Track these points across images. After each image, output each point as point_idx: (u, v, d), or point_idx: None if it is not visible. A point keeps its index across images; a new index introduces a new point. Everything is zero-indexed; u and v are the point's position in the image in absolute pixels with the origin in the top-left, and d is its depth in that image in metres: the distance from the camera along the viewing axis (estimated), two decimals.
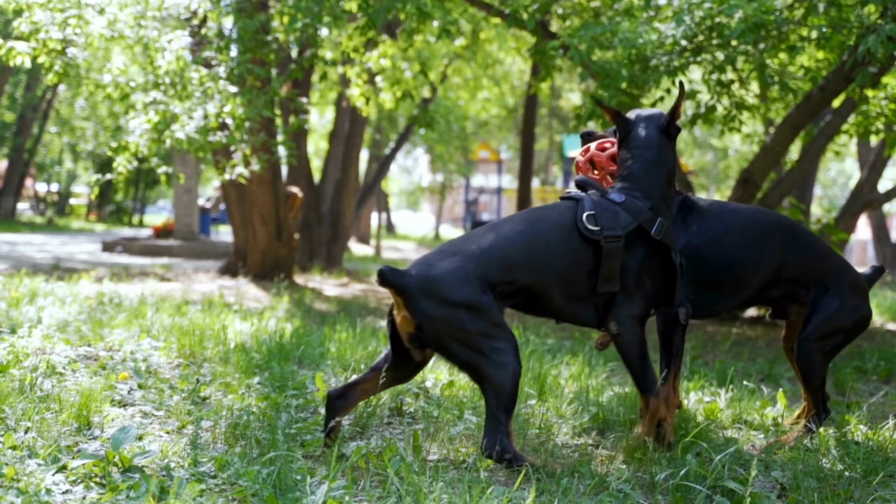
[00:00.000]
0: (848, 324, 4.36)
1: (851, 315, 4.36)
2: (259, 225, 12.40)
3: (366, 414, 4.05)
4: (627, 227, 3.70)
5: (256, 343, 5.58)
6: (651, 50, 8.35)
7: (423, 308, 3.43)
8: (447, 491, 2.99)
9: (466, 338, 3.43)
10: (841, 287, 4.34)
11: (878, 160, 13.63)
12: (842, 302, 4.31)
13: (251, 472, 3.00)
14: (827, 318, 4.27)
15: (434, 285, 3.46)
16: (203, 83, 9.64)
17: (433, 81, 17.28)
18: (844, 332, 4.37)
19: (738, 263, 4.27)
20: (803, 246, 4.39)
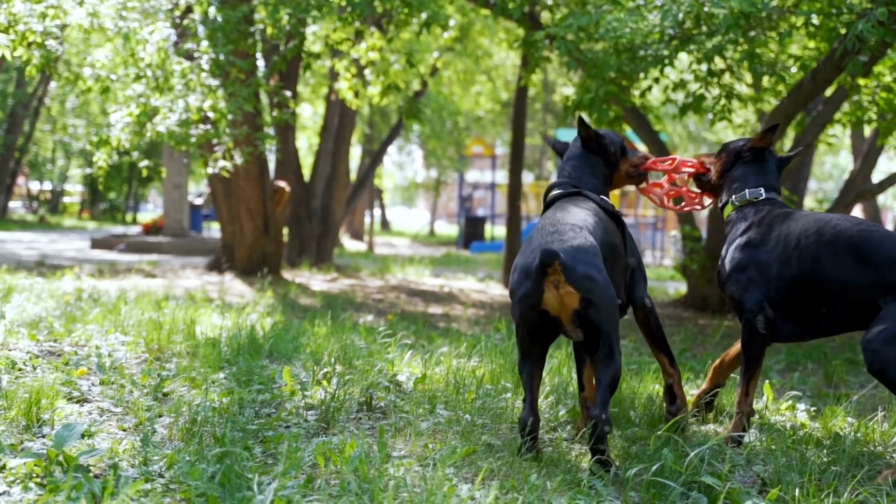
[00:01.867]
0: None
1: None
2: (246, 220, 12.24)
3: (333, 408, 3.90)
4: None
5: (228, 338, 5.42)
6: (639, 40, 8.20)
7: (586, 275, 3.29)
8: (406, 489, 2.84)
9: (614, 310, 3.41)
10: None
11: (872, 150, 13.47)
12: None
13: (196, 470, 2.85)
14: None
15: (584, 253, 3.35)
16: (185, 75, 9.47)
17: (423, 75, 17.10)
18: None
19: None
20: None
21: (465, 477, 3.16)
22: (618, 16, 8.09)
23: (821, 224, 3.85)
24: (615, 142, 4.21)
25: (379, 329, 6.26)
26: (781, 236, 3.88)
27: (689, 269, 10.63)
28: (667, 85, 9.73)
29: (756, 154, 4.15)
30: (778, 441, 3.84)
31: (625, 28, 7.96)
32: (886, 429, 4.21)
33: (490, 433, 3.63)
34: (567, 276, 3.25)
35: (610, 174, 4.18)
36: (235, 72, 9.79)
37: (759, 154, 4.15)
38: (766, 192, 4.08)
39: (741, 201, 4.08)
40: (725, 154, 4.28)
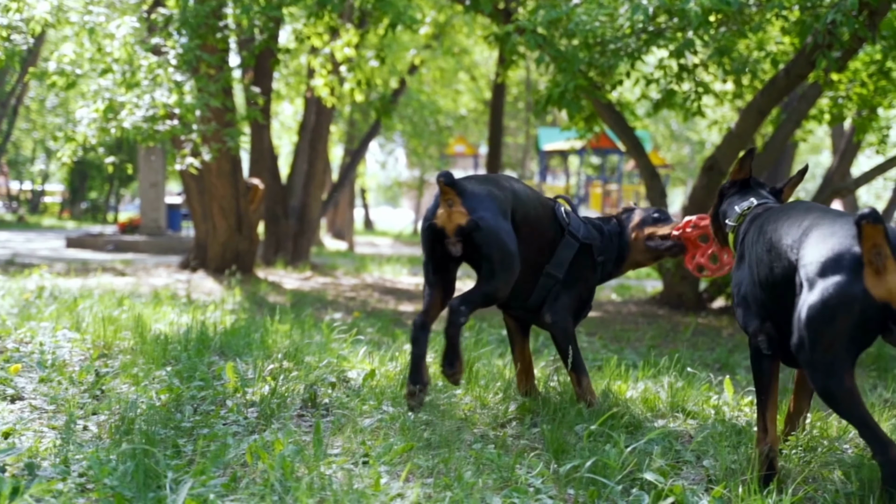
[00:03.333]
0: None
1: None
2: (219, 218, 12.11)
3: (274, 404, 3.78)
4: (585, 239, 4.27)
5: (178, 334, 5.30)
6: (609, 34, 8.11)
7: (476, 203, 3.77)
8: (330, 488, 2.73)
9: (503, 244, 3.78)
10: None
11: (849, 147, 13.42)
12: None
13: (105, 469, 2.73)
14: None
15: (480, 193, 3.82)
16: (152, 70, 9.33)
17: (401, 72, 16.99)
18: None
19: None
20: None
21: (399, 474, 3.05)
22: (588, 9, 8.00)
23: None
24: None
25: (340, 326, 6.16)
26: (765, 240, 3.77)
27: (664, 266, 10.54)
28: (639, 80, 9.64)
29: (740, 185, 3.97)
30: (732, 437, 3.74)
31: (594, 22, 7.88)
32: (846, 424, 4.12)
33: (432, 430, 3.52)
34: (460, 199, 3.73)
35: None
36: (205, 67, 9.66)
37: (743, 184, 3.97)
38: (757, 200, 3.82)
39: (735, 222, 3.87)
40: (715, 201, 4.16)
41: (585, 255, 4.22)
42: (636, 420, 3.97)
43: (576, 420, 3.76)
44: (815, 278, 2.91)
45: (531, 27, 8.18)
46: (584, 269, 4.21)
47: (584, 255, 4.22)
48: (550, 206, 4.24)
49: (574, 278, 4.18)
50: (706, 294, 10.81)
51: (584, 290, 4.25)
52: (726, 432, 3.80)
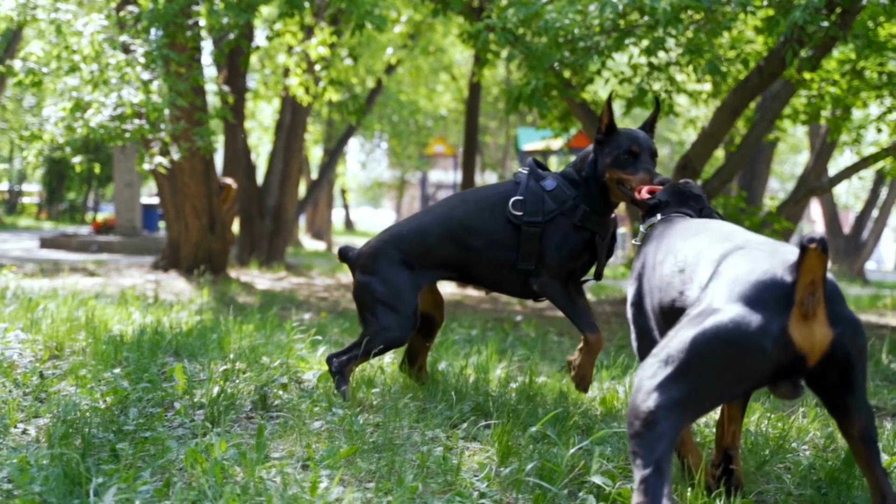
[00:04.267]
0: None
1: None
2: (191, 217, 12.00)
3: (222, 406, 3.70)
4: (549, 214, 4.04)
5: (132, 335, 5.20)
6: (579, 31, 8.05)
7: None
8: (265, 493, 2.65)
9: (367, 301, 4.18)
10: None
11: (824, 146, 13.44)
12: None
13: (25, 475, 2.64)
14: None
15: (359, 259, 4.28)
16: (120, 68, 9.22)
17: (377, 72, 16.90)
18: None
19: None
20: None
21: (343, 478, 2.97)
22: (558, 6, 7.94)
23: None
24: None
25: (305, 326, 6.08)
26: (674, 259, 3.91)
27: None
28: (609, 79, 9.59)
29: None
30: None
31: (564, 19, 7.82)
32: (805, 424, 4.07)
33: (381, 432, 3.44)
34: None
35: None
36: (174, 66, 9.55)
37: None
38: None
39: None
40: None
41: (558, 221, 4.08)
42: (592, 421, 3.91)
43: (529, 421, 3.69)
44: (733, 302, 2.43)
45: (500, 25, 8.12)
46: (559, 233, 4.08)
47: (557, 221, 4.09)
48: (501, 207, 4.15)
49: (552, 245, 4.08)
50: None
51: (566, 247, 4.09)
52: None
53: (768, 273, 2.46)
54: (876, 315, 11.75)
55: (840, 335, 2.44)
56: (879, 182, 21.42)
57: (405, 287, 4.12)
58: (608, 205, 4.11)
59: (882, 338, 8.12)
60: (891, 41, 9.60)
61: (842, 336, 2.44)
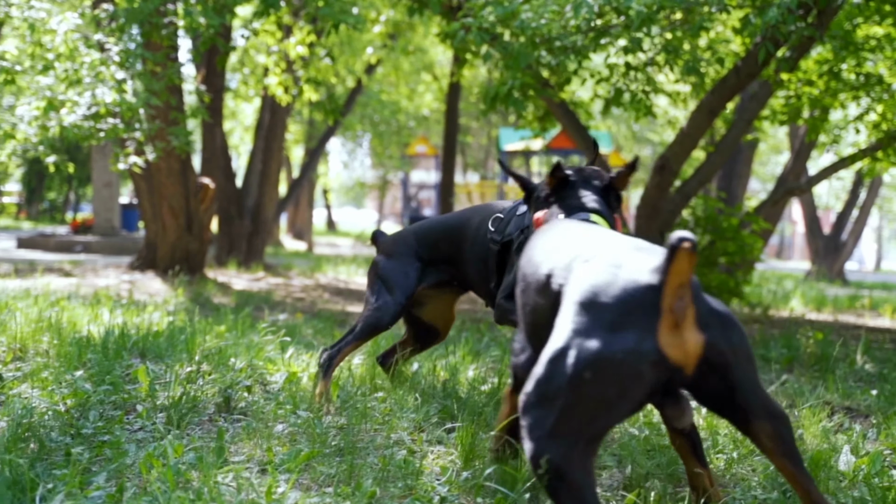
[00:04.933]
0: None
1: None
2: (169, 217, 11.90)
3: (184, 410, 3.64)
4: (506, 236, 3.94)
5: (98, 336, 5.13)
6: (555, 31, 8.02)
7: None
8: (219, 498, 2.59)
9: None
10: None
11: (803, 147, 13.47)
12: None
13: None
14: None
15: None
16: (95, 67, 9.13)
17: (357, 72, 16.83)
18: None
19: None
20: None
21: (301, 483, 2.92)
22: (534, 6, 7.91)
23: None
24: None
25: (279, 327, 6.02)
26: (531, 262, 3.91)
27: None
28: (586, 79, 9.56)
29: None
30: (656, 440, 3.64)
31: (540, 19, 7.79)
32: None
33: (344, 435, 3.39)
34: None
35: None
36: (150, 65, 9.47)
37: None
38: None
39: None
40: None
41: (511, 246, 3.95)
42: None
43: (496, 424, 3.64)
44: (594, 319, 2.15)
45: (477, 25, 8.08)
46: (509, 258, 3.97)
47: (511, 246, 3.95)
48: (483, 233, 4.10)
49: (504, 268, 4.01)
50: None
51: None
52: (651, 435, 3.71)
53: (630, 283, 2.17)
54: (854, 315, 11.77)
55: (712, 337, 2.21)
56: (859, 183, 21.51)
57: (408, 273, 4.24)
58: None
59: (858, 338, 8.13)
60: (868, 42, 9.62)
61: (714, 338, 2.21)
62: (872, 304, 13.50)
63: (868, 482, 3.21)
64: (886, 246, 51.81)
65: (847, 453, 3.57)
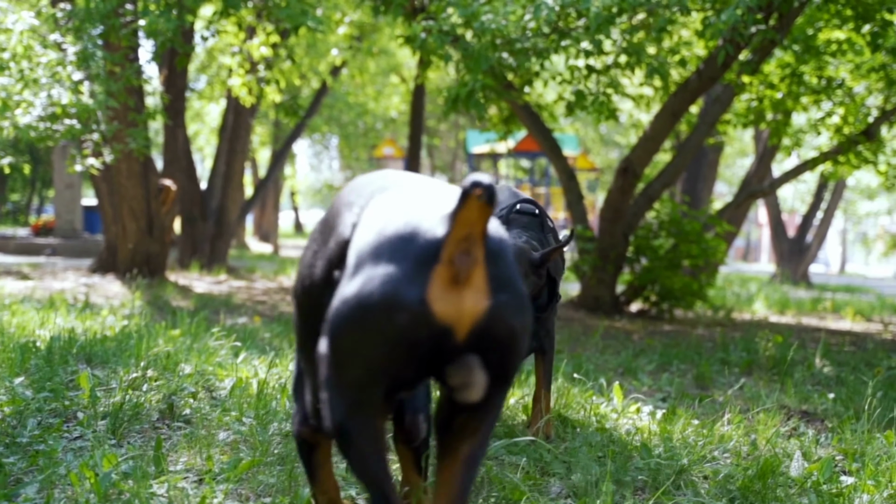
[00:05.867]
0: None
1: None
2: (129, 219, 11.74)
3: (126, 417, 3.55)
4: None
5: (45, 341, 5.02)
6: (515, 32, 7.98)
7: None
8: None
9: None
10: None
11: (766, 151, 13.53)
12: None
13: None
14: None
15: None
16: (52, 67, 8.98)
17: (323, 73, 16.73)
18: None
19: None
20: None
21: (239, 493, 2.84)
22: (494, 8, 7.87)
23: None
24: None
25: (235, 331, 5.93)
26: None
27: (581, 269, 10.45)
28: (547, 81, 9.53)
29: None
30: (606, 447, 3.60)
31: (501, 21, 7.75)
32: (728, 431, 4.01)
33: (287, 444, 3.31)
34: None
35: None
36: (109, 65, 9.33)
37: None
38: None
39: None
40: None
41: None
42: (510, 429, 3.81)
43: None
44: (364, 262, 1.92)
45: (437, 27, 8.03)
46: None
47: None
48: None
49: None
50: (623, 297, 10.74)
51: None
52: (602, 442, 3.66)
53: (411, 222, 1.93)
54: (816, 318, 11.82)
55: (499, 305, 1.91)
56: (823, 186, 21.66)
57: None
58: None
59: (817, 340, 8.15)
60: (829, 46, 9.67)
61: (501, 307, 1.91)
62: (835, 307, 13.58)
63: (817, 489, 3.18)
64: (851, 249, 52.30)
65: (799, 459, 3.54)
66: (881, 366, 6.66)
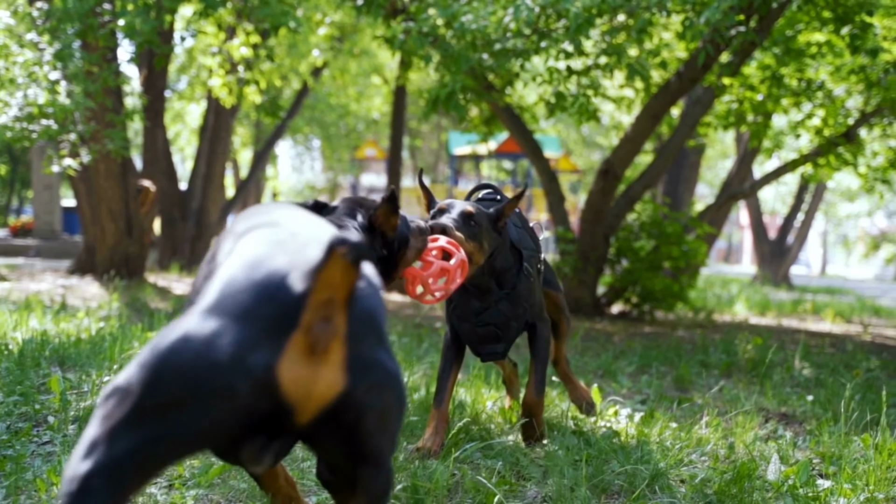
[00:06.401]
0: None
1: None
2: (107, 221, 11.66)
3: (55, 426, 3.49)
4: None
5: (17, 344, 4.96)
6: (495, 33, 7.95)
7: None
8: None
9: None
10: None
11: (747, 152, 13.56)
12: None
13: None
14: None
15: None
16: (28, 67, 8.90)
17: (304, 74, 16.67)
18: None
19: None
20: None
21: (210, 498, 2.80)
22: (474, 8, 7.85)
23: None
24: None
25: None
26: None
27: (562, 271, 10.43)
28: (528, 83, 9.52)
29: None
30: (583, 451, 3.57)
31: (481, 21, 7.72)
32: (706, 434, 3.99)
33: None
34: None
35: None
36: (87, 65, 9.26)
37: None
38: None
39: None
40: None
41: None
42: (489, 433, 3.78)
43: (421, 434, 3.55)
44: (213, 307, 1.62)
45: (417, 29, 8.00)
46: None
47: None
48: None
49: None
50: (604, 299, 10.73)
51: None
52: (579, 445, 3.63)
53: (274, 274, 1.65)
54: (797, 320, 11.85)
55: (356, 387, 1.65)
56: (804, 188, 21.75)
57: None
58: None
59: (797, 342, 8.16)
60: (809, 48, 9.68)
61: (358, 389, 1.65)
62: (815, 309, 13.62)
63: (794, 492, 3.16)
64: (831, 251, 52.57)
65: (776, 462, 3.52)
66: (860, 368, 6.67)
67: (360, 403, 1.65)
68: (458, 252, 3.16)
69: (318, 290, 1.56)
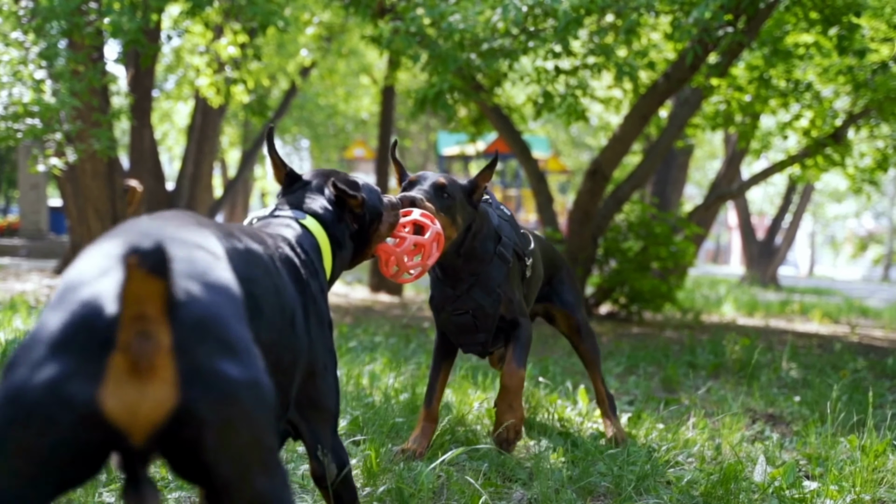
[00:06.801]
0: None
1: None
2: (94, 220, 11.61)
3: None
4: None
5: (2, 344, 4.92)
6: (483, 33, 7.94)
7: None
8: None
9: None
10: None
11: (735, 153, 13.58)
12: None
13: None
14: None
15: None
16: (13, 66, 8.84)
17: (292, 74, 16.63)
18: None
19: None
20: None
21: (193, 500, 2.77)
22: (462, 7, 7.83)
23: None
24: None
25: None
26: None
27: None
28: (516, 82, 9.50)
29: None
30: (569, 453, 3.55)
31: (469, 21, 7.70)
32: (693, 435, 3.98)
33: None
34: None
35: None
36: (72, 64, 9.20)
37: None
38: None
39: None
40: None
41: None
42: (476, 436, 3.76)
43: (407, 436, 3.53)
44: (37, 333, 1.50)
45: (405, 28, 7.98)
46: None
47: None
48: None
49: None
50: (592, 299, 10.73)
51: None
52: (565, 447, 3.61)
53: (89, 296, 1.52)
54: (784, 320, 11.87)
55: (193, 401, 1.50)
56: (792, 188, 21.80)
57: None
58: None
59: (785, 343, 8.17)
60: (797, 49, 9.69)
61: (196, 403, 1.50)
62: (803, 309, 13.64)
63: (780, 494, 3.15)
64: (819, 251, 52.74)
65: (763, 464, 3.51)
66: (847, 368, 6.68)
67: (198, 418, 1.50)
68: (432, 225, 3.04)
69: (127, 305, 1.44)
